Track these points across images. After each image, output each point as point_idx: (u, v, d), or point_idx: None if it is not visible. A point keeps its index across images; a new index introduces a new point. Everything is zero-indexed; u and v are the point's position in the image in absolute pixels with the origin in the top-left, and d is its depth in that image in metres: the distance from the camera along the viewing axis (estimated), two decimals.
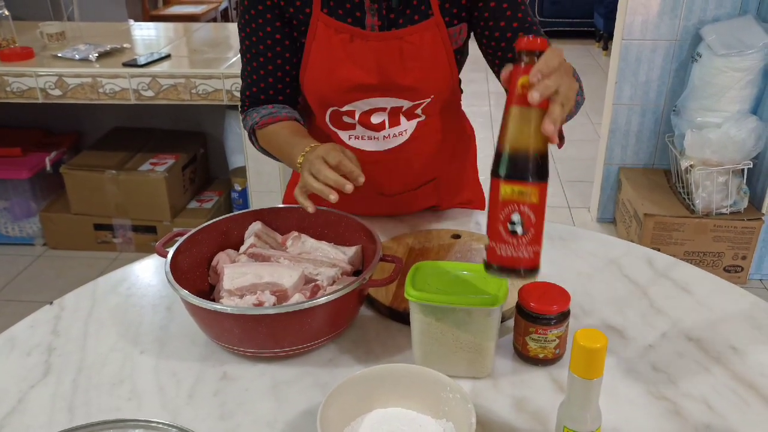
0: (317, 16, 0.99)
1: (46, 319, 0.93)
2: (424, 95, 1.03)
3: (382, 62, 0.99)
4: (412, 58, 0.99)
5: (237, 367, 0.84)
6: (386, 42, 0.99)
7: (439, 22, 0.99)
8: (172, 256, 0.87)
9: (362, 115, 1.04)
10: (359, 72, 1.00)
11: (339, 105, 1.04)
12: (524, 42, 0.66)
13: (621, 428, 0.74)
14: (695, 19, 2.46)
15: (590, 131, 4.05)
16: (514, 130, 0.65)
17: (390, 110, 1.04)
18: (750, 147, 2.28)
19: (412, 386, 0.73)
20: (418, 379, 0.73)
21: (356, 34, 0.99)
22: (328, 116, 1.06)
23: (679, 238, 2.42)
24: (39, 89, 2.23)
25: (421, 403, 0.73)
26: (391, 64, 1.00)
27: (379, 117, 1.04)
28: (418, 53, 0.99)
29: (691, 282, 1.01)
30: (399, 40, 0.99)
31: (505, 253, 0.67)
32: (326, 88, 1.03)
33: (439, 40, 1.00)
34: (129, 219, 2.63)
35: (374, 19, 0.99)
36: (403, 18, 0.99)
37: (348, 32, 0.99)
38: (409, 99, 1.03)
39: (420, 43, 0.99)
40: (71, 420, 0.75)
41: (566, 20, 6.13)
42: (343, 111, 1.04)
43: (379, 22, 0.99)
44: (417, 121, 1.06)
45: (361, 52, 0.99)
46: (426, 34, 0.99)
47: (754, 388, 0.80)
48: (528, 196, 0.65)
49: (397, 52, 0.99)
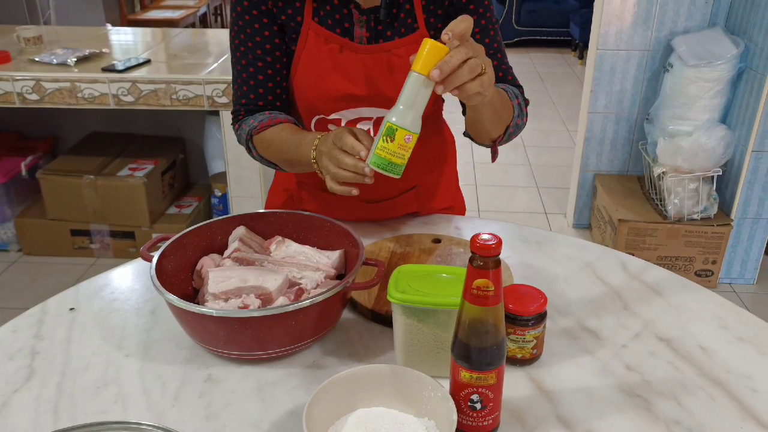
0: (308, 25, 1.01)
1: (28, 324, 0.93)
2: None
3: (371, 74, 1.02)
4: (399, 71, 1.02)
5: (222, 369, 0.85)
6: (375, 55, 1.01)
7: (424, 35, 1.02)
8: (157, 260, 0.88)
9: (348, 123, 1.06)
10: (347, 83, 1.02)
11: (326, 113, 1.06)
12: (477, 245, 0.65)
13: (595, 425, 0.77)
14: (667, 31, 2.53)
15: (566, 139, 4.13)
16: (472, 325, 0.69)
17: (375, 119, 1.06)
18: (719, 154, 2.36)
19: (394, 386, 0.75)
20: (400, 379, 0.75)
21: (345, 45, 1.01)
22: (313, 124, 1.08)
23: (652, 243, 2.49)
24: (16, 93, 2.21)
25: (404, 403, 0.75)
26: (378, 75, 1.02)
27: (365, 125, 1.07)
28: (405, 65, 1.01)
29: (663, 284, 1.05)
30: (387, 53, 1.01)
31: (466, 422, 0.73)
32: (314, 97, 1.04)
33: None
34: (107, 224, 2.61)
35: (362, 30, 1.01)
36: (391, 30, 1.01)
37: (337, 43, 1.01)
38: None
39: (407, 56, 1.00)
40: (56, 423, 0.76)
41: (543, 29, 6.24)
42: (329, 119, 1.06)
43: (367, 33, 1.01)
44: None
45: (350, 64, 1.01)
46: (412, 47, 1.01)
47: (720, 385, 0.83)
48: (486, 380, 0.71)
49: (385, 64, 1.02)
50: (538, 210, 3.23)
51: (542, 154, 3.89)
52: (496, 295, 0.68)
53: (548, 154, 3.90)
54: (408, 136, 0.72)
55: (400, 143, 0.73)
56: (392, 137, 0.72)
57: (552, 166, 3.72)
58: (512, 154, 3.89)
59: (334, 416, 0.73)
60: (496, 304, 0.68)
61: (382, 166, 0.75)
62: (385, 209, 1.20)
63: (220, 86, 2.19)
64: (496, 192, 3.41)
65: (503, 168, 3.69)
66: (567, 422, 0.77)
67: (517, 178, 3.57)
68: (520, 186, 3.49)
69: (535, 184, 3.51)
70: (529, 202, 3.31)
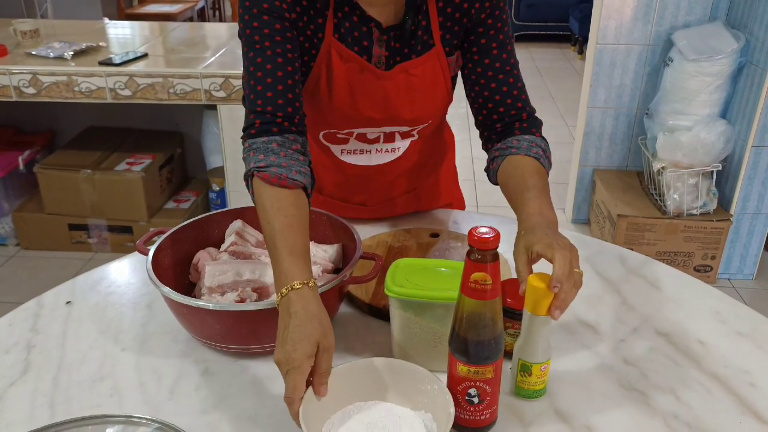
0: (329, 41, 0.96)
1: (24, 317, 0.93)
2: (422, 122, 1.06)
3: (389, 98, 1.00)
4: (416, 90, 1.00)
5: (218, 363, 0.84)
6: (393, 80, 0.99)
7: (440, 52, 1.00)
8: (154, 253, 0.88)
9: (357, 135, 1.06)
10: (367, 106, 1.00)
11: (338, 128, 1.04)
12: (475, 239, 0.65)
13: (593, 419, 0.77)
14: (667, 25, 2.52)
15: (565, 134, 4.12)
16: (469, 319, 0.69)
17: (386, 132, 1.06)
18: (719, 150, 2.35)
19: (391, 379, 0.75)
20: (397, 373, 0.75)
21: (365, 68, 0.97)
22: (322, 134, 1.06)
23: (651, 239, 2.48)
24: (12, 87, 2.20)
25: (401, 396, 0.75)
26: (396, 99, 1.00)
27: (375, 134, 1.06)
28: (422, 84, 1.00)
29: (661, 279, 1.05)
30: (405, 73, 0.99)
31: (463, 416, 0.73)
32: (330, 114, 1.01)
33: (439, 69, 1.01)
34: (104, 219, 2.60)
35: (381, 49, 0.98)
36: (408, 48, 0.98)
37: (356, 62, 0.97)
38: (408, 126, 1.06)
39: (423, 75, 1.00)
40: (52, 416, 0.75)
41: (542, 24, 6.22)
42: (341, 134, 1.05)
43: (387, 53, 0.98)
44: (411, 140, 1.09)
45: (370, 87, 0.99)
46: (428, 65, 1.00)
47: (718, 379, 0.83)
48: (484, 374, 0.70)
49: (404, 86, 0.99)
50: None
51: None
52: (494, 288, 0.67)
53: None
54: (543, 366, 0.77)
55: (538, 374, 0.77)
56: (529, 372, 0.77)
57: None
58: None
59: (331, 410, 0.73)
60: (494, 297, 0.68)
61: (527, 395, 0.79)
62: (386, 210, 1.20)
63: (217, 80, 2.18)
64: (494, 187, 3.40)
65: None
66: (565, 416, 0.77)
67: None
68: None
69: None
70: None
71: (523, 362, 0.77)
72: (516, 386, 0.79)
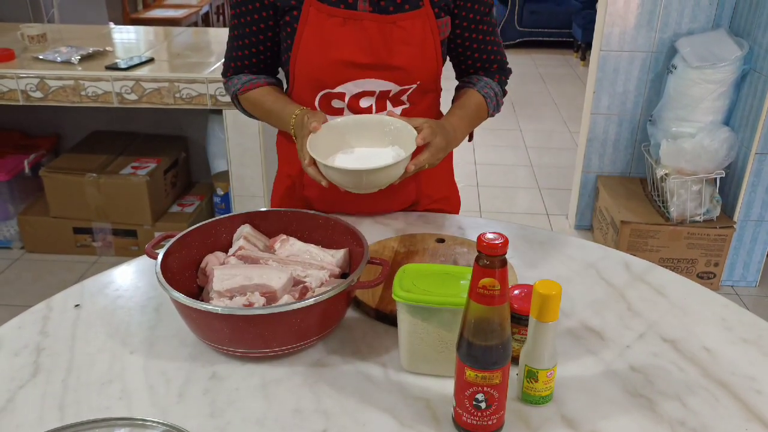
0: (309, 2, 1.05)
1: (33, 320, 0.93)
2: (411, 80, 1.10)
3: (374, 42, 1.05)
4: (402, 42, 1.06)
5: (226, 366, 0.85)
6: (378, 24, 1.05)
7: (429, 12, 1.06)
8: (162, 257, 0.88)
9: (351, 98, 1.10)
10: (352, 49, 1.06)
11: (331, 86, 1.09)
12: (483, 245, 0.66)
13: (599, 425, 0.77)
14: (670, 32, 2.53)
15: (568, 140, 4.13)
16: (477, 324, 0.69)
17: (378, 94, 1.10)
18: (722, 157, 2.36)
19: (364, 132, 1.04)
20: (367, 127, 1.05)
21: (349, 17, 1.05)
22: (318, 100, 1.11)
23: (654, 245, 2.49)
24: (20, 91, 2.21)
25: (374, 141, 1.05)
26: (382, 44, 1.06)
27: (368, 101, 1.10)
28: (409, 37, 1.06)
29: (666, 285, 1.05)
30: (391, 24, 1.05)
31: (471, 421, 0.73)
32: (319, 68, 1.08)
33: (428, 28, 1.07)
34: (109, 223, 2.61)
35: (365, 4, 1.05)
36: (394, 6, 1.05)
37: (341, 15, 1.05)
38: (397, 82, 1.09)
39: (411, 29, 1.06)
40: (61, 419, 0.76)
41: (545, 30, 6.24)
42: (334, 93, 1.09)
43: (371, 8, 1.05)
44: (402, 108, 1.13)
45: (353, 33, 1.05)
46: (417, 21, 1.06)
47: (725, 386, 0.83)
48: (491, 380, 0.71)
49: (388, 34, 1.06)
50: (540, 211, 3.23)
51: (544, 155, 3.89)
52: (502, 294, 0.68)
53: (550, 155, 3.90)
54: (549, 372, 0.77)
55: (544, 380, 0.78)
56: (535, 379, 0.78)
57: (554, 167, 3.72)
58: (514, 155, 3.89)
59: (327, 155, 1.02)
60: (501, 303, 0.68)
61: (534, 401, 0.80)
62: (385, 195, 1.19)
63: (222, 85, 2.19)
64: (497, 192, 3.41)
65: (505, 169, 3.69)
66: (571, 422, 0.77)
67: (519, 178, 3.57)
68: (521, 187, 3.49)
69: (537, 185, 3.51)
70: (531, 203, 3.31)
71: (530, 368, 0.78)
72: (522, 392, 0.80)
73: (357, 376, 0.84)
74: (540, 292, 0.73)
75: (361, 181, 0.98)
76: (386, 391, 0.81)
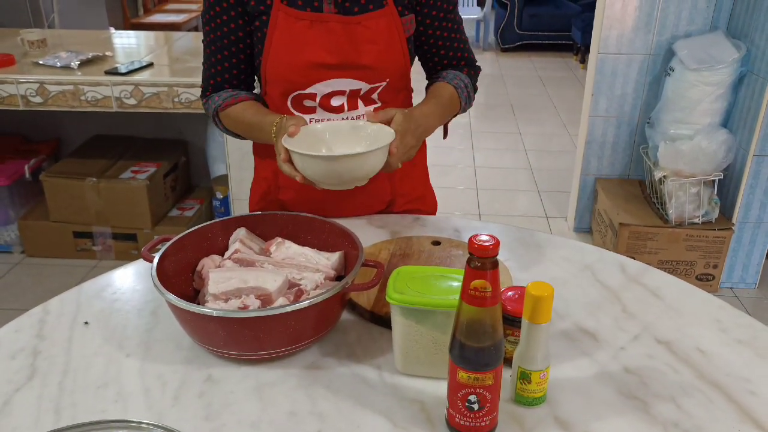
0: (278, 7, 1.07)
1: (30, 324, 0.94)
2: (380, 78, 1.12)
3: (340, 43, 1.08)
4: (368, 41, 1.09)
5: (222, 369, 0.85)
6: (344, 25, 1.08)
7: (392, 11, 1.09)
8: (158, 260, 0.89)
9: (323, 98, 1.12)
10: (320, 51, 1.08)
11: (301, 87, 1.11)
12: (475, 246, 0.67)
13: (593, 426, 0.77)
14: (668, 35, 2.54)
15: (567, 142, 4.13)
16: (470, 326, 0.70)
17: (349, 93, 1.12)
18: (720, 159, 2.36)
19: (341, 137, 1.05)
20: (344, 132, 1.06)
21: (315, 19, 1.07)
22: (290, 101, 1.13)
23: (653, 247, 2.49)
24: (20, 96, 2.22)
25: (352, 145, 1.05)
26: (348, 44, 1.08)
27: (339, 100, 1.13)
28: (374, 36, 1.09)
29: (662, 287, 1.05)
30: (356, 24, 1.08)
31: (463, 422, 0.74)
32: (289, 70, 1.10)
33: (393, 26, 1.10)
34: (109, 227, 2.62)
35: (330, 6, 1.08)
36: (358, 7, 1.08)
37: (308, 18, 1.07)
38: (367, 81, 1.12)
39: (375, 28, 1.09)
40: (58, 421, 0.76)
41: (544, 33, 6.25)
42: (305, 93, 1.12)
43: (336, 9, 1.08)
44: (374, 107, 1.16)
45: (320, 35, 1.08)
46: (381, 20, 1.09)
47: (719, 387, 0.84)
48: (484, 381, 0.71)
49: (354, 34, 1.08)
50: (539, 214, 3.23)
51: (543, 158, 3.90)
52: (493, 296, 0.68)
53: (549, 158, 3.91)
54: (542, 374, 0.78)
55: (537, 381, 0.79)
56: (528, 380, 0.78)
57: (553, 169, 3.72)
58: (513, 157, 3.90)
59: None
60: (493, 304, 0.69)
61: (527, 402, 0.80)
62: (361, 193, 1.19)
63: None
64: (496, 195, 3.41)
65: (504, 172, 3.69)
66: (565, 424, 0.78)
67: (518, 181, 3.58)
68: (521, 190, 3.49)
69: (536, 187, 3.51)
70: (530, 205, 3.32)
71: (523, 370, 0.78)
72: (516, 394, 0.80)
73: (352, 379, 0.84)
74: (532, 294, 0.74)
75: (340, 170, 0.96)
76: (381, 393, 0.82)
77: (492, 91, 5.20)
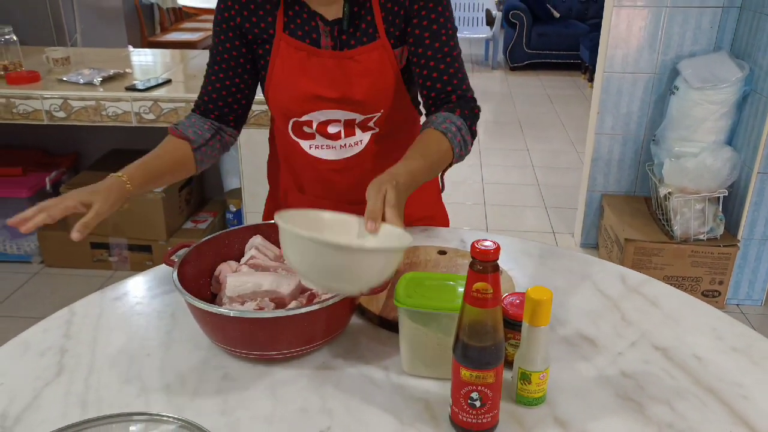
0: (280, 37, 1.12)
1: (57, 324, 0.99)
2: (374, 109, 1.16)
3: (335, 77, 1.12)
4: (361, 75, 1.12)
5: (237, 368, 0.90)
6: (338, 60, 1.12)
7: (385, 43, 1.12)
8: (179, 265, 0.94)
9: (319, 125, 1.17)
10: (315, 85, 1.13)
11: (298, 115, 1.16)
12: (477, 251, 0.71)
13: (590, 426, 0.81)
14: (673, 54, 2.59)
15: (574, 159, 4.17)
16: (472, 326, 0.74)
17: (345, 122, 1.16)
18: (725, 176, 2.39)
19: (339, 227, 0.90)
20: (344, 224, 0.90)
21: (312, 53, 1.12)
22: (291, 126, 1.19)
23: (658, 263, 2.51)
24: (45, 111, 2.31)
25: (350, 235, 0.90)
26: (342, 78, 1.12)
27: (335, 127, 1.17)
28: (367, 70, 1.12)
29: (660, 297, 1.09)
30: (350, 59, 1.12)
31: (466, 419, 0.78)
32: (286, 99, 1.15)
33: (386, 59, 1.13)
34: (125, 238, 2.68)
35: (327, 40, 1.12)
36: (354, 40, 1.12)
37: (306, 50, 1.12)
38: (361, 112, 1.16)
39: (368, 62, 1.12)
40: (84, 414, 0.81)
41: (553, 52, 6.32)
42: (302, 121, 1.17)
43: (332, 42, 1.12)
44: (371, 133, 1.19)
45: (316, 68, 1.12)
46: (374, 53, 1.12)
47: (713, 392, 0.87)
48: (485, 379, 0.75)
49: (348, 69, 1.12)
50: (546, 229, 3.26)
51: (551, 174, 3.94)
52: (494, 297, 0.73)
53: (557, 174, 3.94)
54: (541, 375, 0.82)
55: (537, 382, 0.82)
56: (528, 381, 0.82)
57: (560, 186, 3.76)
58: (521, 174, 3.94)
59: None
60: (494, 306, 0.73)
61: (527, 402, 0.84)
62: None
63: None
64: (504, 211, 3.45)
65: (512, 188, 3.74)
66: (563, 423, 0.81)
67: (526, 197, 3.62)
68: (528, 206, 3.53)
69: (544, 203, 3.55)
70: (537, 221, 3.35)
71: (523, 371, 0.82)
72: (517, 394, 0.84)
73: (360, 379, 0.88)
74: (532, 298, 0.78)
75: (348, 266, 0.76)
76: (387, 392, 0.86)
77: (501, 108, 5.26)
